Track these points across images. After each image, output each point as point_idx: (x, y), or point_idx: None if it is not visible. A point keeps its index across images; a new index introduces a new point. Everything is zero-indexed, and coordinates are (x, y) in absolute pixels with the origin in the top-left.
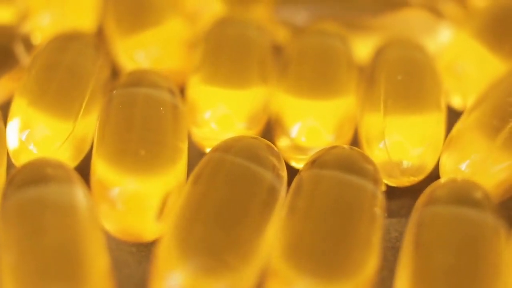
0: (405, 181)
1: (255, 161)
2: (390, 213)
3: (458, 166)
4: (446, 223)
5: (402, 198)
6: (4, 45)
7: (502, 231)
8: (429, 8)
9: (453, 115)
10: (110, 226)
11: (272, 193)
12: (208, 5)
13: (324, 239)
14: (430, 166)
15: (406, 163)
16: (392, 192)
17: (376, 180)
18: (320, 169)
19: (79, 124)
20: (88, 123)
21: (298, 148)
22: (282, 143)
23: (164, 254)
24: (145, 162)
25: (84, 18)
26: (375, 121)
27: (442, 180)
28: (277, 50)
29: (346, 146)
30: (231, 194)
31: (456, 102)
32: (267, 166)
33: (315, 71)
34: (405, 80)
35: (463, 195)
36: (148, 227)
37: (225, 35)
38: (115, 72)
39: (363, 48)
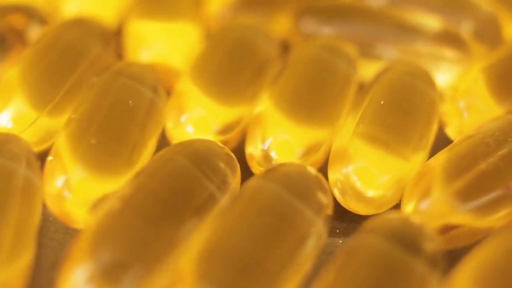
0: (361, 210)
1: (201, 167)
2: (347, 234)
3: (418, 204)
4: (372, 257)
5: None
6: (20, 25)
7: (431, 283)
8: (452, 36)
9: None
10: (51, 206)
11: (209, 201)
12: (230, 12)
13: (240, 253)
14: (388, 202)
15: (366, 192)
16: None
17: (320, 208)
18: (265, 181)
19: (51, 110)
20: (65, 110)
21: (266, 160)
22: (252, 149)
23: (79, 245)
24: (97, 152)
25: (107, 12)
26: (343, 142)
27: (394, 213)
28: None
29: (309, 168)
30: (161, 196)
31: (452, 133)
32: (213, 174)
33: (305, 88)
34: (387, 106)
35: (403, 235)
36: (84, 216)
37: (228, 39)
38: None
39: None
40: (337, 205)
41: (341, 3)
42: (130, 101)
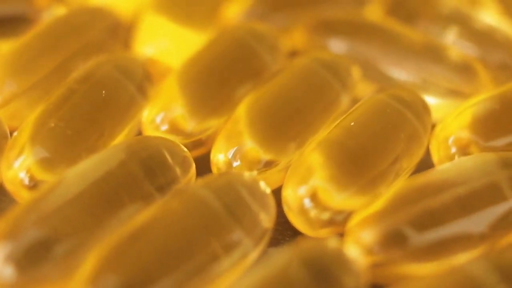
0: (304, 229)
1: (144, 165)
2: None
3: (358, 234)
4: (284, 279)
5: None
6: (41, 6)
7: None
8: (467, 69)
9: None
10: (5, 184)
11: (145, 198)
12: (247, 20)
13: (153, 252)
14: (335, 226)
15: (311, 212)
16: None
17: (253, 223)
18: (202, 187)
19: (34, 88)
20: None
21: (227, 168)
22: (215, 155)
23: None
24: (54, 136)
25: (128, 3)
26: (301, 157)
27: (329, 240)
28: None
29: (261, 183)
30: (98, 186)
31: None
32: (156, 173)
33: (282, 100)
34: (357, 127)
35: (321, 265)
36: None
37: (224, 43)
38: None
39: None
40: None
41: (361, 20)
42: (104, 91)
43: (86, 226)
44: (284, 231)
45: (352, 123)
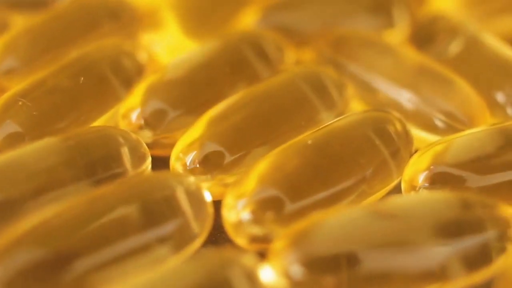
0: (237, 240)
1: (94, 156)
2: None
3: (282, 254)
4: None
5: None
6: None
7: None
8: (469, 98)
9: None
10: None
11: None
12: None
13: (59, 240)
14: (268, 242)
15: (246, 225)
16: None
17: (173, 230)
18: (130, 182)
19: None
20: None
21: (185, 169)
22: (174, 156)
23: None
24: (22, 115)
25: None
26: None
27: (244, 255)
28: None
29: (205, 193)
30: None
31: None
32: (104, 166)
33: (252, 109)
34: (310, 147)
35: (223, 280)
36: None
37: (219, 48)
38: None
39: None
40: None
41: (374, 41)
42: (82, 78)
43: (29, 201)
44: (230, 239)
45: (310, 141)
